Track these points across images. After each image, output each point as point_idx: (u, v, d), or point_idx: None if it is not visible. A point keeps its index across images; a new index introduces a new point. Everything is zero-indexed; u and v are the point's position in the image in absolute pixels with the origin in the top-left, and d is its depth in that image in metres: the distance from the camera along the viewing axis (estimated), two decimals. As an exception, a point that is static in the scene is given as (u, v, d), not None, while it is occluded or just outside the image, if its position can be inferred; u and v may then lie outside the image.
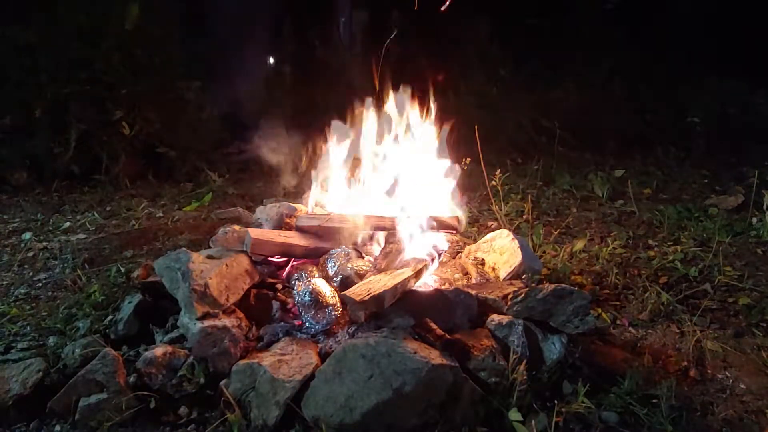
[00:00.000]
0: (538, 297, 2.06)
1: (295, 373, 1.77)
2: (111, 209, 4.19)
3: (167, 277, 2.12)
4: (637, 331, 2.37)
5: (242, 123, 5.73)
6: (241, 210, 3.81)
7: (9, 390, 1.84)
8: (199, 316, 1.96)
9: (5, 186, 4.70)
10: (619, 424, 1.77)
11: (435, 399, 1.68)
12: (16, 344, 2.20)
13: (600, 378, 1.98)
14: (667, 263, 2.99)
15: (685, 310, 2.51)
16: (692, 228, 3.61)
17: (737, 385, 2.02)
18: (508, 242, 2.56)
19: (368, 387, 1.66)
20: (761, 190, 3.56)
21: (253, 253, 2.29)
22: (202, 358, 1.90)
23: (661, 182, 4.89)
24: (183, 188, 4.83)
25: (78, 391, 1.81)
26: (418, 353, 1.73)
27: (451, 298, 2.09)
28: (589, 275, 2.85)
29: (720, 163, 5.47)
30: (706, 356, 2.17)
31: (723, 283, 2.77)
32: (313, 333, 2.04)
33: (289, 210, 2.69)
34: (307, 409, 1.70)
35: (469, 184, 3.79)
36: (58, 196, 4.57)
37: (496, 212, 3.50)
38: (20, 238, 3.55)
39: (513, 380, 1.79)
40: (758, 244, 3.35)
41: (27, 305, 2.58)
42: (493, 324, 2.01)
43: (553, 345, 2.02)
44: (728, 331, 2.38)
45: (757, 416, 1.85)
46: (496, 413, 1.75)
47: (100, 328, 2.21)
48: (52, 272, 2.97)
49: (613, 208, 4.17)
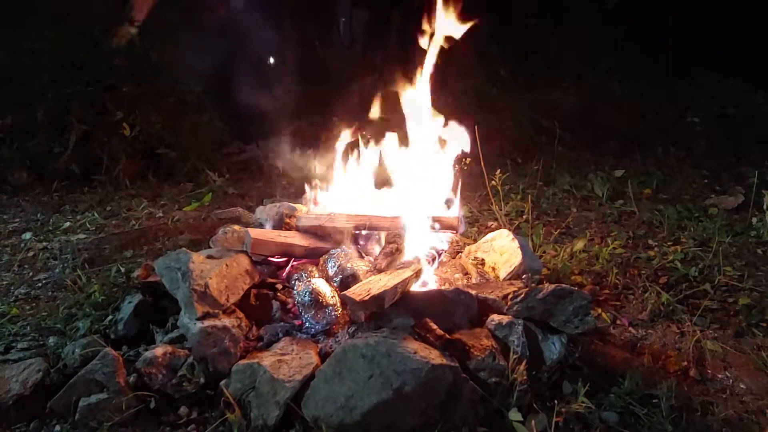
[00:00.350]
0: (538, 297, 2.06)
1: (295, 373, 1.78)
2: (111, 209, 4.19)
3: (167, 277, 2.12)
4: (637, 331, 2.37)
5: (243, 123, 5.73)
6: (241, 210, 3.80)
7: (9, 390, 1.84)
8: (199, 316, 1.96)
9: (5, 186, 4.70)
10: (619, 424, 1.77)
11: (435, 399, 1.68)
12: (16, 344, 2.20)
13: (600, 378, 1.98)
14: (667, 263, 2.99)
15: (685, 310, 2.51)
16: (692, 228, 3.61)
17: (737, 385, 2.02)
18: (508, 242, 2.55)
19: (368, 387, 1.66)
20: (761, 190, 3.55)
21: (253, 253, 2.29)
22: (202, 358, 1.91)
23: (661, 182, 4.89)
24: (183, 188, 4.82)
25: (78, 391, 1.81)
26: (418, 353, 1.73)
27: (451, 298, 2.09)
28: (589, 275, 2.85)
29: (720, 163, 5.46)
30: (706, 356, 2.17)
31: (723, 283, 2.77)
32: (313, 333, 2.04)
33: (289, 210, 2.69)
34: (307, 409, 1.71)
35: (470, 184, 3.79)
36: (58, 196, 4.57)
37: (496, 212, 3.50)
38: (20, 238, 3.55)
39: (513, 380, 1.79)
40: (758, 244, 3.35)
41: (27, 305, 2.58)
42: (493, 324, 2.01)
43: (553, 345, 2.02)
44: (728, 331, 2.38)
45: (757, 416, 1.85)
46: (496, 413, 1.75)
47: (100, 328, 2.21)
48: (52, 272, 2.97)
49: (613, 208, 4.17)
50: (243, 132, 5.96)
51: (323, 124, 2.87)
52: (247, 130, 5.88)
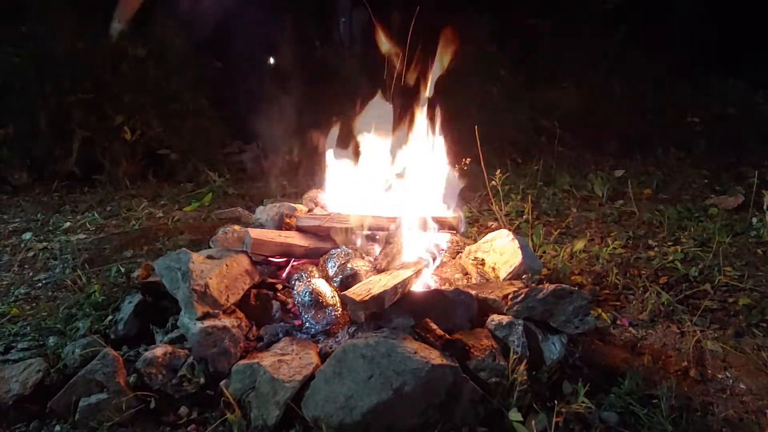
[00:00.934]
0: (538, 297, 2.06)
1: (295, 374, 1.78)
2: (111, 209, 4.19)
3: (167, 277, 2.12)
4: (637, 331, 2.37)
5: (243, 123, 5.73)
6: (241, 210, 3.80)
7: (9, 390, 1.84)
8: (199, 316, 1.96)
9: (5, 186, 4.70)
10: (619, 424, 1.77)
11: (435, 399, 1.68)
12: (16, 344, 2.20)
13: (600, 378, 1.98)
14: (667, 263, 2.99)
15: (685, 310, 2.51)
16: (692, 228, 3.61)
17: (737, 386, 2.02)
18: (508, 242, 2.56)
19: (368, 387, 1.66)
20: (761, 190, 3.55)
21: (253, 253, 2.29)
22: (202, 358, 1.91)
23: (661, 182, 4.89)
24: (183, 188, 4.83)
25: (78, 391, 1.81)
26: (418, 353, 1.73)
27: (451, 298, 2.09)
28: (589, 275, 2.85)
29: (720, 163, 5.46)
30: (706, 356, 2.17)
31: (723, 284, 2.77)
32: (313, 333, 2.04)
33: (289, 210, 2.69)
34: (307, 409, 1.71)
35: (470, 184, 3.79)
36: (58, 196, 4.57)
37: (496, 212, 3.50)
38: (20, 238, 3.55)
39: (513, 380, 1.79)
40: (758, 244, 3.35)
41: (27, 305, 2.58)
42: (493, 324, 2.01)
43: (553, 345, 2.02)
44: (728, 331, 2.38)
45: (758, 416, 1.85)
46: (496, 413, 1.75)
47: (100, 328, 2.21)
48: (52, 272, 2.97)
49: (613, 208, 4.17)
50: (243, 132, 5.96)
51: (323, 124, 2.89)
52: (247, 130, 5.88)
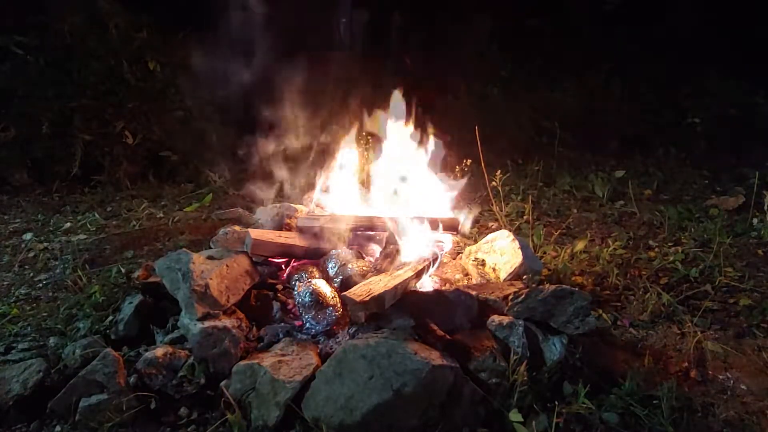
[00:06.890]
0: (539, 298, 2.06)
1: (295, 374, 1.78)
2: (111, 210, 4.19)
3: (168, 277, 2.12)
4: (637, 332, 2.37)
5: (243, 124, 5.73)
6: (241, 210, 3.80)
7: (9, 390, 1.85)
8: (200, 317, 1.96)
9: (6, 186, 4.70)
10: (619, 425, 1.77)
11: (435, 400, 1.68)
12: (16, 345, 2.20)
13: (601, 379, 1.98)
14: (667, 264, 2.99)
15: (685, 310, 2.51)
16: (693, 229, 3.61)
17: (738, 386, 2.02)
18: (508, 243, 2.55)
19: (368, 388, 1.66)
20: (762, 190, 3.55)
21: (253, 254, 2.29)
22: (203, 358, 1.91)
23: (662, 183, 4.89)
24: (183, 189, 4.82)
25: (78, 391, 1.81)
26: (419, 354, 1.73)
27: (451, 298, 2.08)
28: (589, 276, 2.84)
29: (720, 164, 5.46)
30: (706, 357, 2.17)
31: (724, 284, 2.77)
32: (314, 334, 2.04)
33: (289, 211, 2.69)
34: (307, 410, 1.71)
35: (470, 185, 3.79)
36: (59, 196, 4.57)
37: (496, 213, 3.50)
38: (21, 238, 3.55)
39: (513, 381, 1.79)
40: (759, 244, 3.35)
41: (27, 306, 2.58)
42: (493, 325, 2.01)
43: (554, 346, 2.02)
44: (729, 332, 2.38)
45: (758, 417, 1.85)
46: (496, 414, 1.75)
47: (101, 328, 2.21)
48: (53, 273, 2.97)
49: (613, 208, 4.17)
50: (243, 132, 5.95)
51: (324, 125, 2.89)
52: (247, 131, 5.88)
